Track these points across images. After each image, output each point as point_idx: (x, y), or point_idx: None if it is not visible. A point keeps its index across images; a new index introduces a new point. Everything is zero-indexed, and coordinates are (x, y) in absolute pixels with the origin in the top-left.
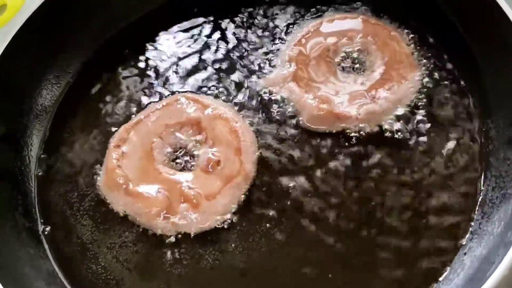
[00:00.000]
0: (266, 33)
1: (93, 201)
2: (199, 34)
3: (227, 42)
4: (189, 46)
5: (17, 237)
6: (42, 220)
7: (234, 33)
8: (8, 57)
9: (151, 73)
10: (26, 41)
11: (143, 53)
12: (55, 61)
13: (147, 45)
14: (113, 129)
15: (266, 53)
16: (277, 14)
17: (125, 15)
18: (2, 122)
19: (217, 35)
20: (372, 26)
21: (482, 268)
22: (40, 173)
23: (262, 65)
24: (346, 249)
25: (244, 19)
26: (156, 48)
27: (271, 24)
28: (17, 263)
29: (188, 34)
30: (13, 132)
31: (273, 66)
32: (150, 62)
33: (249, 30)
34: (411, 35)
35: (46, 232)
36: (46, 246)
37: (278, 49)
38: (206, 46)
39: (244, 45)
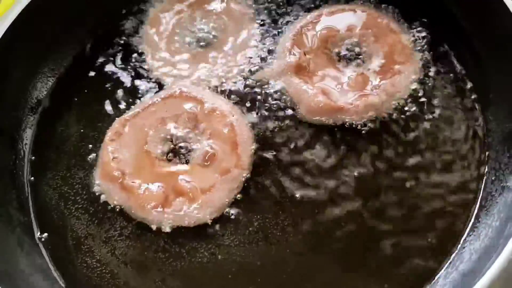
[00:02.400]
0: (265, 25)
1: (88, 194)
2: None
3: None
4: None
5: (12, 231)
6: (36, 214)
7: None
8: (2, 51)
9: (146, 66)
10: (20, 35)
11: (138, 47)
12: (49, 55)
13: (142, 38)
14: (109, 122)
15: (264, 45)
16: (276, 5)
17: (120, 7)
18: None
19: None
20: (372, 18)
21: (481, 261)
22: (34, 167)
23: (260, 57)
24: (343, 242)
25: None
26: (151, 41)
27: (270, 16)
28: (12, 257)
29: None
30: (7, 126)
31: (272, 58)
32: (146, 56)
33: None
34: (411, 27)
35: (40, 226)
36: (40, 240)
37: (277, 41)
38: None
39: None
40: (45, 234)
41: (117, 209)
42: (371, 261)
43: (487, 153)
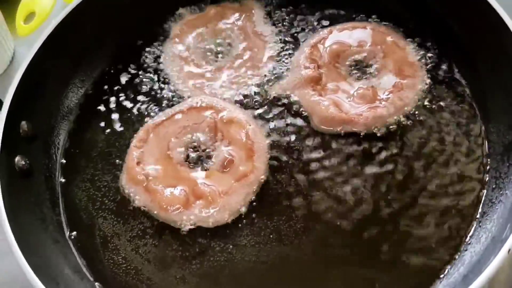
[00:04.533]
0: (281, 41)
1: (115, 197)
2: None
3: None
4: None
5: (45, 229)
6: (67, 214)
7: None
8: (37, 62)
9: (169, 78)
10: (54, 48)
11: (161, 61)
12: (79, 67)
13: (165, 53)
14: (134, 130)
15: (280, 59)
16: (290, 20)
17: (146, 23)
18: (32, 123)
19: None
20: (381, 35)
21: (480, 263)
22: (65, 170)
23: (276, 70)
24: (353, 245)
25: None
26: (174, 55)
27: (284, 30)
28: (45, 253)
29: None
30: (42, 132)
31: (287, 72)
32: (169, 69)
33: None
34: (418, 44)
35: (71, 225)
36: (71, 238)
37: (291, 55)
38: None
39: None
40: (75, 233)
41: (141, 211)
42: (376, 265)
43: (488, 162)
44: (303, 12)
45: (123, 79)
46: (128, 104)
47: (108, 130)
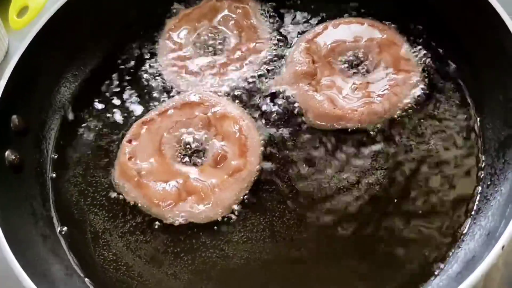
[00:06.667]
0: (277, 35)
1: (106, 192)
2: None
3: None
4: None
5: (35, 224)
6: (57, 209)
7: None
8: (30, 57)
9: (163, 73)
10: (46, 42)
11: (155, 56)
12: (72, 61)
13: (159, 47)
14: (126, 125)
15: (274, 54)
16: (285, 15)
17: (140, 18)
18: (23, 117)
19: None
20: (376, 31)
21: (474, 260)
22: (56, 165)
23: (270, 65)
24: (347, 241)
25: None
26: (168, 50)
27: (279, 25)
28: (34, 249)
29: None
30: (34, 126)
31: (281, 67)
32: (163, 64)
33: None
34: (414, 40)
35: (61, 221)
36: (61, 233)
37: (286, 50)
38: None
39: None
40: (65, 228)
41: (133, 206)
42: (370, 261)
43: (483, 159)
44: (299, 7)
45: (116, 74)
46: (121, 99)
47: (100, 125)
